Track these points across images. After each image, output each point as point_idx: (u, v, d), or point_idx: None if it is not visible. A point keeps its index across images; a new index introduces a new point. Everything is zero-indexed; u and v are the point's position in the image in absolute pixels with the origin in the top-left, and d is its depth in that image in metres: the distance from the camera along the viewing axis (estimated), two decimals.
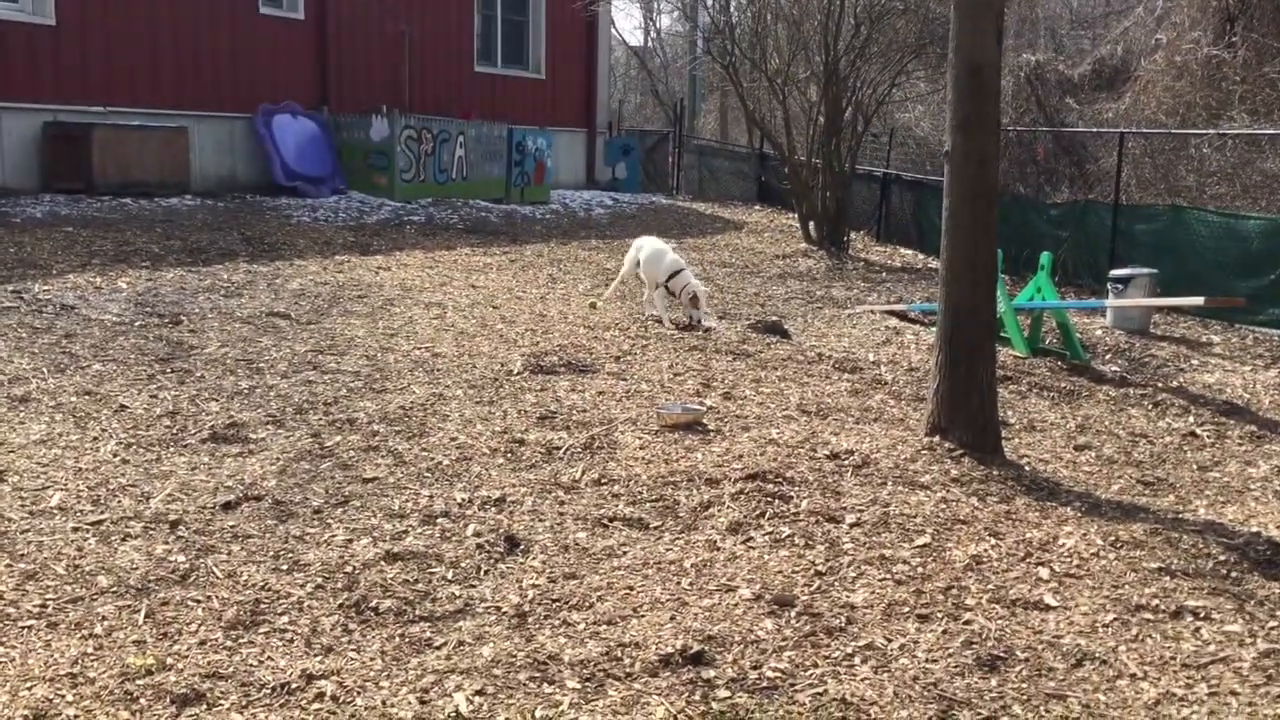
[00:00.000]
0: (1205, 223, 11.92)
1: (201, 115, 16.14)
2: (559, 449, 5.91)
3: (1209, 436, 7.01)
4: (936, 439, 5.90)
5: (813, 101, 17.38)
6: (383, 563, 4.38)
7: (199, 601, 3.99)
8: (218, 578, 4.19)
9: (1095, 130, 17.47)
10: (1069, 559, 4.61)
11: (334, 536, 4.64)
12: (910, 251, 17.82)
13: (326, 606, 3.99)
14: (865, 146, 19.05)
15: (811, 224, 17.38)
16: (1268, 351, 10.22)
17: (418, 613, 3.98)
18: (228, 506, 4.91)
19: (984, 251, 5.81)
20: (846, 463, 5.71)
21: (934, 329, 10.30)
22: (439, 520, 4.86)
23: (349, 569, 4.31)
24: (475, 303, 10.06)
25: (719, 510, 5.02)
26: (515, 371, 7.56)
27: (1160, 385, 8.45)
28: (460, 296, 10.33)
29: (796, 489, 5.29)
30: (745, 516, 4.93)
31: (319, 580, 4.20)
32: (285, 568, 4.31)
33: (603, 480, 5.43)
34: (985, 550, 4.65)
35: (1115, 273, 11.25)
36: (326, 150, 17.46)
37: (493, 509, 5.02)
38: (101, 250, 10.97)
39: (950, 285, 5.85)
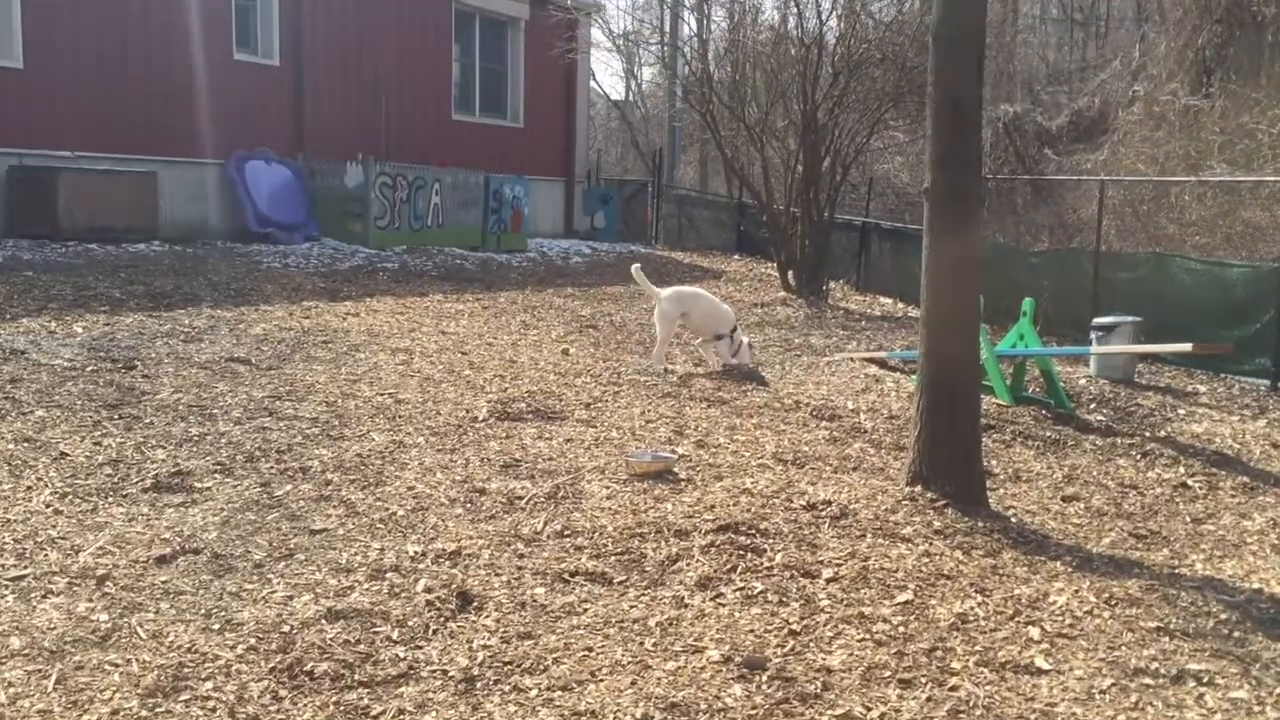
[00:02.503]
0: (1188, 270, 11.76)
1: (172, 160, 15.89)
2: (521, 499, 5.60)
3: (1200, 488, 6.75)
4: (918, 489, 5.62)
5: (791, 150, 17.27)
6: (323, 621, 4.05)
7: (117, 665, 3.65)
8: (141, 639, 3.85)
9: (1075, 178, 17.38)
10: (1061, 617, 4.32)
11: (273, 593, 4.31)
12: (889, 300, 17.64)
13: (257, 670, 3.66)
14: (844, 196, 18.96)
15: (790, 272, 17.20)
16: (1255, 401, 10.01)
17: (356, 677, 3.65)
18: (162, 560, 4.58)
19: (966, 293, 5.58)
20: (823, 513, 5.42)
21: (915, 376, 10.13)
22: (388, 575, 4.54)
23: (285, 628, 3.97)
24: (444, 349, 9.77)
25: (688, 564, 4.72)
26: (481, 418, 7.26)
27: (1148, 435, 8.21)
28: (429, 342, 10.04)
29: (770, 541, 4.99)
30: (715, 571, 4.63)
31: (251, 641, 3.87)
32: (216, 627, 3.97)
33: (565, 532, 5.12)
34: (971, 608, 4.35)
35: (1099, 320, 11.05)
36: (300, 197, 17.23)
37: (446, 563, 4.70)
38: (60, 295, 10.64)
39: (932, 329, 5.61)
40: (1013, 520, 5.58)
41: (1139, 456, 7.50)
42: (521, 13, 22.20)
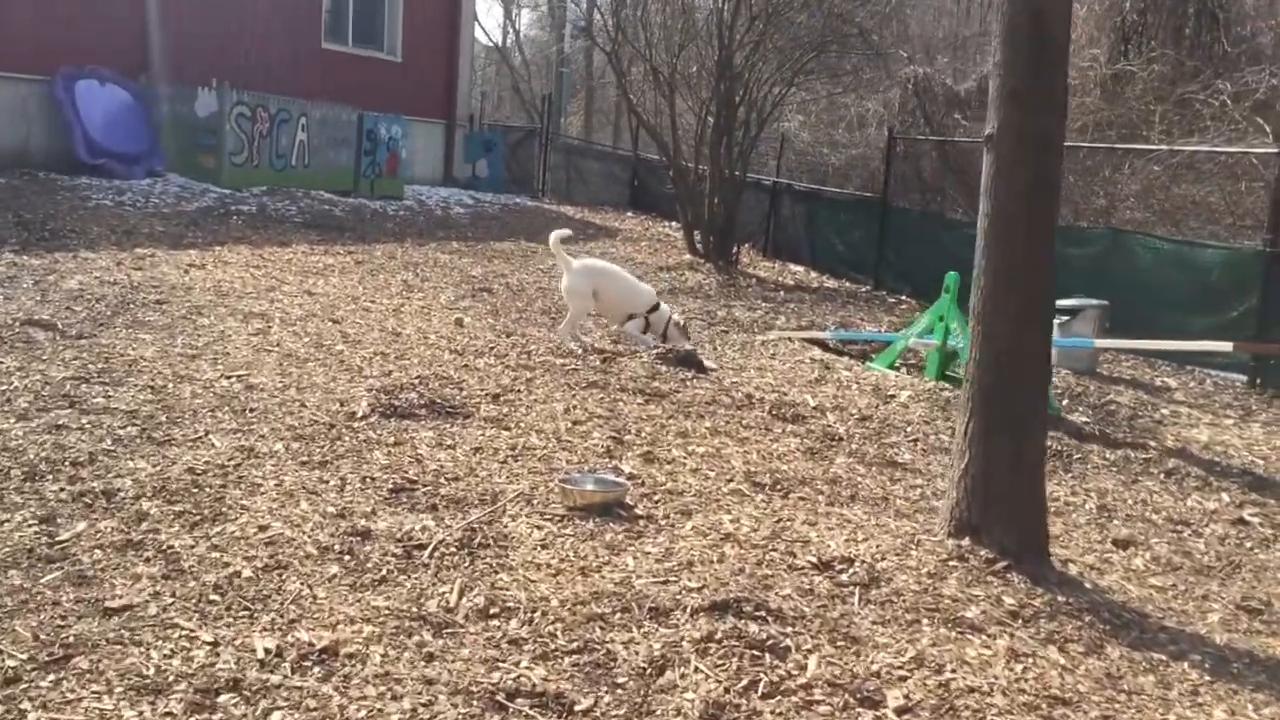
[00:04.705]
0: (1152, 250, 10.67)
1: None
2: (423, 547, 3.97)
3: (1260, 523, 5.51)
4: (965, 542, 4.18)
5: (703, 99, 15.70)
6: None
7: None
8: None
9: None
10: None
11: None
12: (801, 268, 16.32)
13: None
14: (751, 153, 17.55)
15: (697, 234, 15.72)
16: (1235, 400, 8.96)
17: None
18: None
19: (1041, 272, 4.14)
20: (846, 577, 3.93)
21: (873, 364, 8.80)
22: (220, 698, 2.89)
23: None
24: (311, 314, 7.97)
25: (681, 676, 3.17)
26: (360, 414, 5.56)
27: (1154, 445, 6.99)
28: (292, 306, 8.21)
29: (790, 630, 3.48)
30: (726, 691, 3.10)
31: None
32: None
33: (493, 610, 3.52)
34: None
35: (1060, 303, 9.83)
36: (142, 124, 14.93)
37: (315, 672, 3.06)
38: None
39: (990, 318, 4.16)
40: (1086, 585, 4.19)
41: (1163, 476, 6.24)
42: None
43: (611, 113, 37.75)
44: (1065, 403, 8.23)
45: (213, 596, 3.48)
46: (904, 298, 13.71)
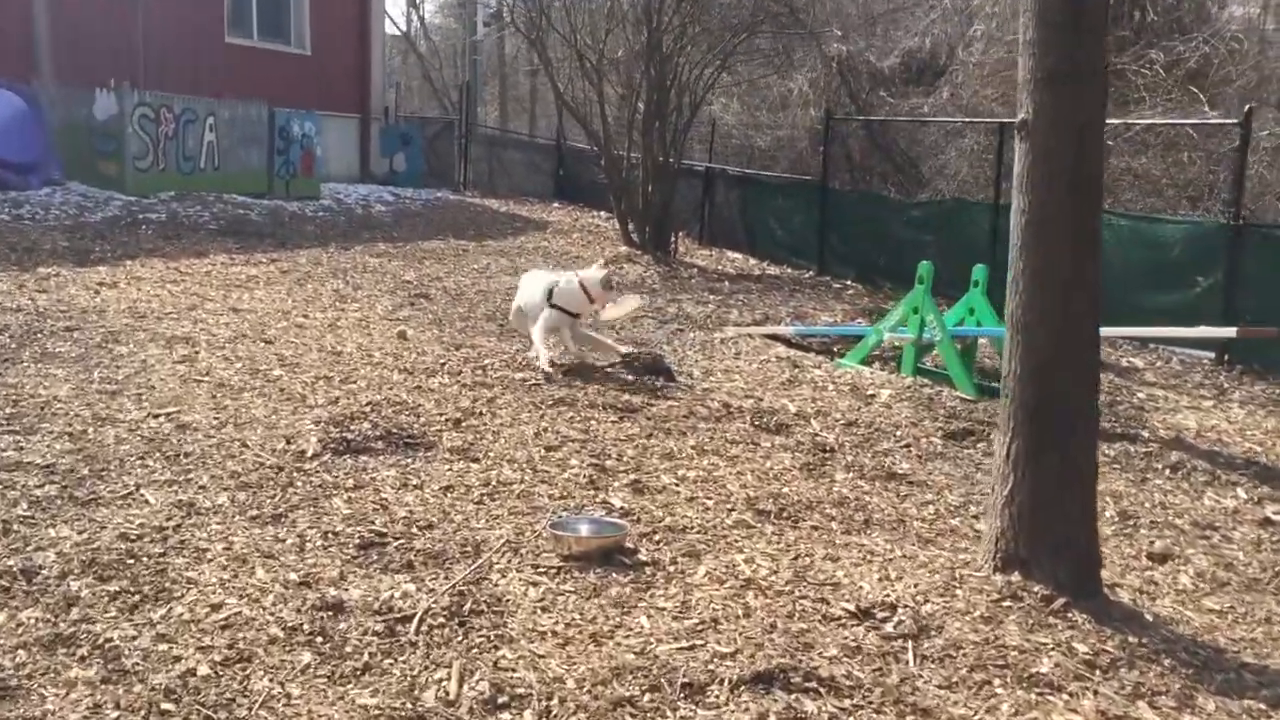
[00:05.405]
0: (1109, 225, 10.40)
1: None
2: (407, 620, 3.43)
3: None
4: (1015, 577, 3.75)
5: (633, 84, 15.16)
6: None
7: None
8: None
9: (980, 120, 15.83)
10: None
11: None
12: (739, 255, 15.90)
13: None
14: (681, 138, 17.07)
15: (631, 224, 15.21)
16: (1204, 378, 8.73)
17: None
18: None
19: (1087, 273, 3.72)
20: (892, 628, 3.48)
21: (843, 361, 8.35)
22: None
23: None
24: (240, 335, 7.31)
25: None
26: (310, 453, 4.98)
27: (1146, 434, 6.68)
28: (218, 326, 7.54)
29: (850, 705, 3.02)
30: None
31: None
32: None
33: (501, 699, 3.01)
34: None
35: None
36: (35, 131, 13.94)
37: None
38: None
39: (1031, 327, 3.73)
40: (1147, 618, 3.79)
41: (1168, 472, 5.91)
42: None
43: (526, 100, 37.01)
44: None
45: (165, 705, 2.91)
46: (849, 283, 13.36)
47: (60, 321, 7.18)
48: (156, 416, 5.35)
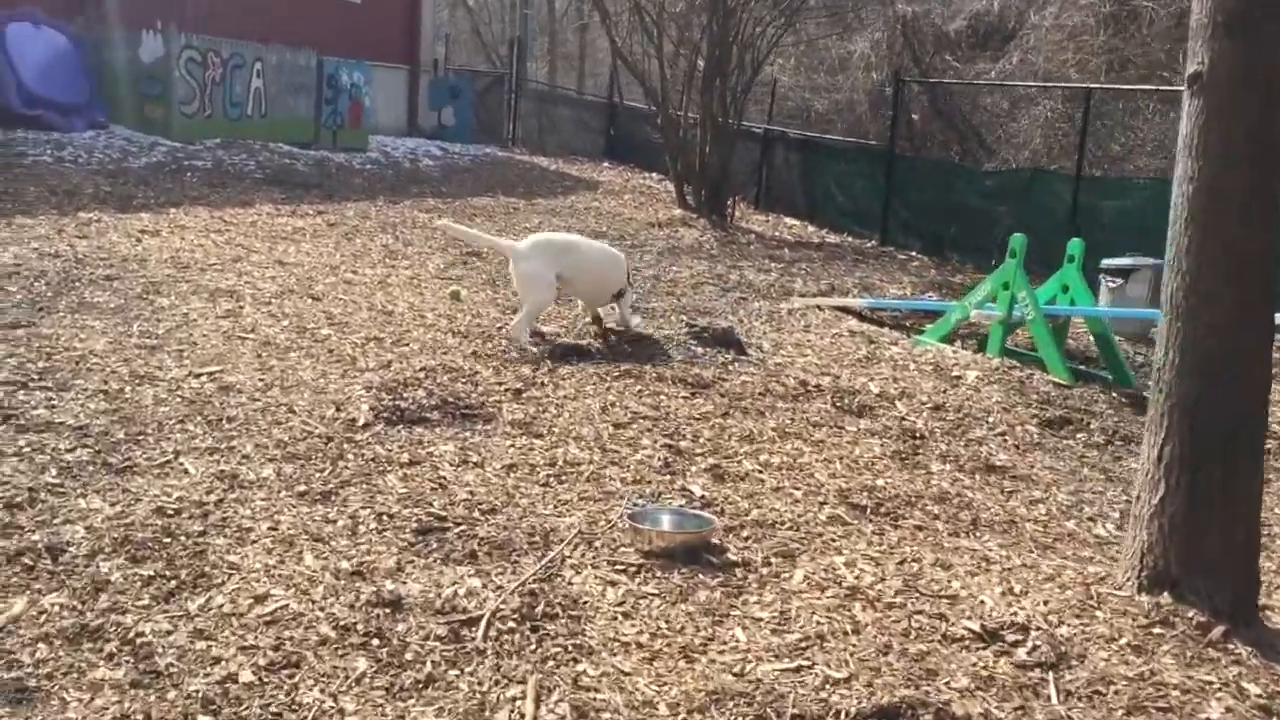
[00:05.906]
0: None
1: None
2: (473, 622, 3.04)
3: None
4: (1165, 598, 3.29)
5: (692, 40, 14.62)
6: None
7: None
8: None
9: (1061, 85, 15.16)
10: None
11: None
12: (796, 222, 15.39)
13: None
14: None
15: (688, 187, 14.71)
16: None
17: None
18: None
19: (1264, 253, 3.22)
20: (1025, 655, 3.04)
21: (923, 339, 7.80)
22: None
23: None
24: (287, 290, 6.94)
25: None
26: (362, 422, 4.59)
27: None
28: (263, 280, 7.17)
29: None
30: None
31: None
32: None
33: None
34: None
35: (1110, 262, 9.00)
36: (80, 72, 13.61)
37: None
38: None
39: (1195, 313, 3.24)
40: None
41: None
42: None
43: (575, 58, 36.39)
44: (1140, 380, 7.40)
45: (202, 718, 2.53)
46: (914, 254, 12.83)
47: (99, 270, 6.83)
48: (198, 376, 4.98)
